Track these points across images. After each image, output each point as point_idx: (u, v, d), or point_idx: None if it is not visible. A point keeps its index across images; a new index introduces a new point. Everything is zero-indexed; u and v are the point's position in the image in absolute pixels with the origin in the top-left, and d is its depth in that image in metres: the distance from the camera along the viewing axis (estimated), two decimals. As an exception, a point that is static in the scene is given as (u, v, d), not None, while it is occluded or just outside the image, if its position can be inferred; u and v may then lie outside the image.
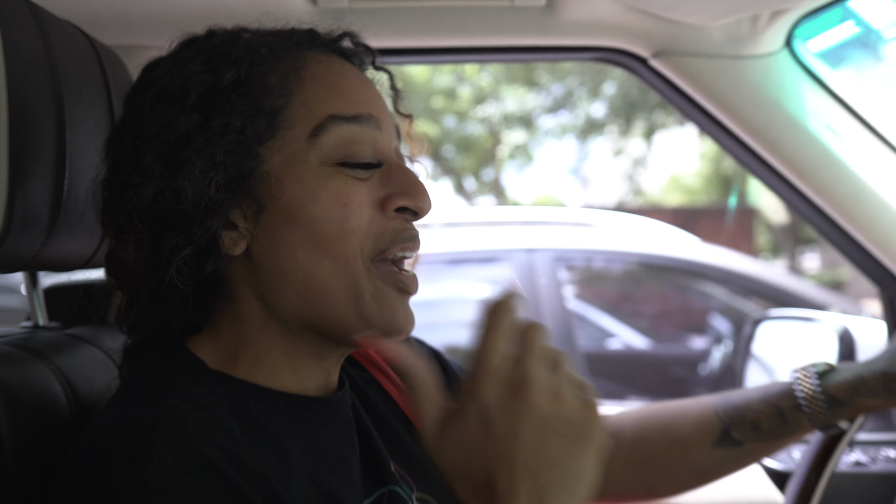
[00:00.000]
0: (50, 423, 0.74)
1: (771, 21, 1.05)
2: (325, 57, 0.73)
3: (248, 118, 0.67)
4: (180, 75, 0.69)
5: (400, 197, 0.70)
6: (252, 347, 0.70)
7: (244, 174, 0.67)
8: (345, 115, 0.69)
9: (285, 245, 0.68)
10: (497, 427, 0.57)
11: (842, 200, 1.14)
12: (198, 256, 0.67)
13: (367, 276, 0.68)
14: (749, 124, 1.12)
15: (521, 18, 1.10)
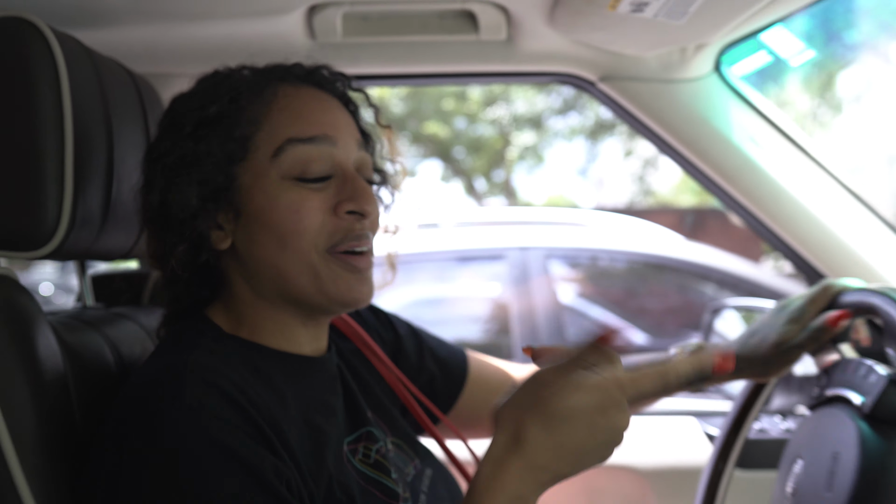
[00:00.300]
0: (102, 378, 0.92)
1: (697, 51, 1.24)
2: (295, 89, 0.89)
3: (225, 144, 0.85)
4: (183, 108, 0.89)
5: (347, 202, 0.85)
6: (249, 318, 0.90)
7: (223, 187, 0.86)
8: (301, 137, 0.85)
9: (257, 242, 0.86)
10: (571, 400, 0.69)
11: (763, 201, 1.32)
12: (192, 250, 0.87)
13: (323, 263, 0.85)
14: (682, 137, 1.30)
15: (486, 50, 1.29)
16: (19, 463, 0.75)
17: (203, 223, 0.86)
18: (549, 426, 0.69)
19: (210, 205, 0.86)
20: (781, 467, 1.06)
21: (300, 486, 0.77)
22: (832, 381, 1.02)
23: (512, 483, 0.70)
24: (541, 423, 0.70)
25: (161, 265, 0.90)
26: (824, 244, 1.33)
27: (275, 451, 0.76)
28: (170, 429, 0.72)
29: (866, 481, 0.88)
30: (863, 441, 0.91)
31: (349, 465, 0.89)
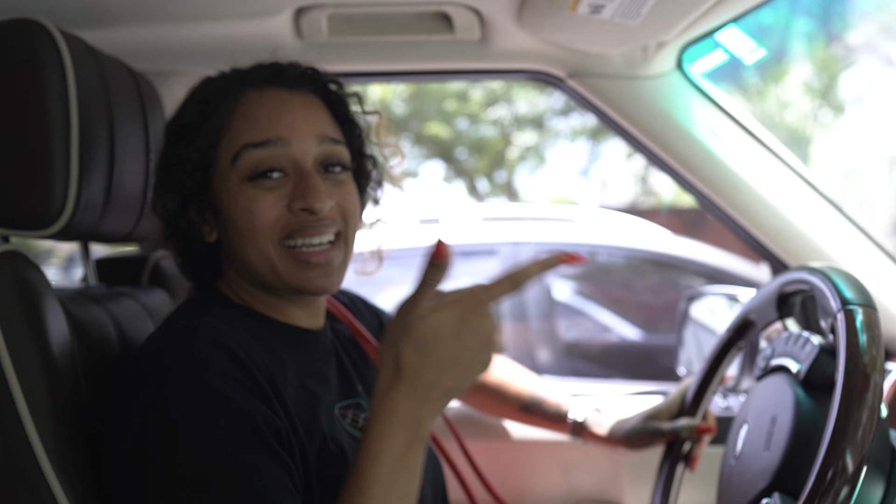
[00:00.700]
0: (104, 347, 0.99)
1: (658, 49, 1.32)
2: (258, 94, 0.96)
3: (194, 150, 0.95)
4: (171, 119, 1.00)
5: (298, 200, 0.92)
6: (247, 295, 1.00)
7: (195, 191, 0.96)
8: (254, 142, 0.92)
9: (229, 237, 0.96)
10: (433, 319, 0.76)
11: (723, 190, 1.40)
12: (184, 241, 0.99)
13: (278, 256, 0.93)
14: (647, 131, 1.39)
15: (461, 49, 1.38)
16: (33, 422, 0.82)
17: (183, 221, 0.97)
18: (420, 347, 0.75)
19: (191, 206, 0.96)
20: (731, 433, 1.14)
21: (291, 438, 0.86)
22: (776, 352, 1.11)
23: (402, 407, 0.76)
24: (412, 346, 0.76)
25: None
26: (781, 231, 1.41)
27: (269, 404, 0.84)
28: (177, 378, 0.81)
29: (798, 440, 0.96)
30: (797, 404, 0.99)
31: (340, 426, 0.98)
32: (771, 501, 0.94)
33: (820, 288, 0.98)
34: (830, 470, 0.81)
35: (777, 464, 0.96)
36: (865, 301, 0.92)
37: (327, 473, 0.90)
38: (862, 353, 0.87)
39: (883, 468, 0.91)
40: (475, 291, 0.77)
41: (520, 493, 1.59)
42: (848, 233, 1.45)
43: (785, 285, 1.10)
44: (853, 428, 0.82)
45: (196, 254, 1.01)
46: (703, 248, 3.55)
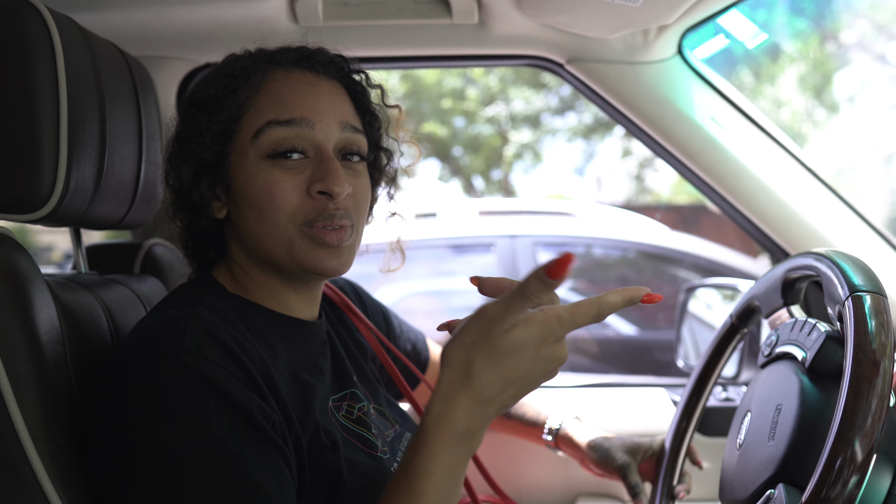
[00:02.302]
0: (96, 336, 0.97)
1: (659, 34, 1.31)
2: (285, 74, 0.96)
3: (217, 123, 0.94)
4: (192, 90, 0.98)
5: (318, 183, 0.91)
6: (247, 281, 0.98)
7: (212, 164, 0.94)
8: (279, 119, 0.92)
9: (242, 213, 0.94)
10: (516, 335, 0.71)
11: (724, 178, 1.38)
12: (193, 216, 0.97)
13: (298, 236, 0.92)
14: (647, 117, 1.37)
15: (459, 33, 1.36)
16: (19, 408, 0.80)
17: (196, 194, 0.95)
18: (495, 361, 0.70)
19: (204, 179, 0.95)
20: (734, 422, 1.13)
21: (284, 429, 0.84)
22: (781, 340, 1.09)
23: (462, 419, 0.71)
24: (487, 358, 0.71)
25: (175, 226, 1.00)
26: (783, 219, 1.40)
27: (262, 395, 0.83)
28: (168, 370, 0.79)
29: (804, 429, 0.94)
30: (803, 393, 0.97)
31: (333, 419, 0.96)
32: (775, 493, 0.92)
33: (827, 274, 0.96)
34: (839, 459, 0.79)
35: (782, 454, 0.95)
36: (874, 287, 0.90)
37: (318, 465, 0.88)
38: (871, 339, 0.85)
39: (892, 457, 0.89)
40: (562, 316, 0.72)
41: (519, 486, 1.58)
42: (849, 221, 1.43)
43: (790, 271, 1.08)
44: (862, 416, 0.81)
45: (202, 231, 0.99)
46: (699, 242, 3.54)
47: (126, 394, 0.79)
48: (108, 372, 0.84)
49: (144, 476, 0.76)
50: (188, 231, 0.99)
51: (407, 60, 1.43)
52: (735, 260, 3.37)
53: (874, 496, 0.87)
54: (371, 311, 1.25)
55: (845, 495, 0.78)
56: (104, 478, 0.80)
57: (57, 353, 0.88)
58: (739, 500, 1.01)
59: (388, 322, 1.28)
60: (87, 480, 0.84)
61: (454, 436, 0.72)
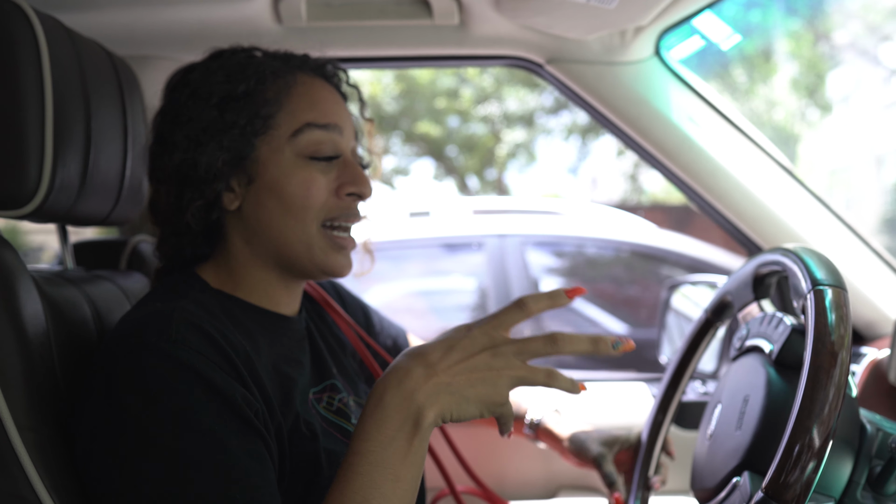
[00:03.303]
0: (82, 331, 0.98)
1: (636, 35, 1.33)
2: (310, 78, 1.02)
3: (250, 118, 0.97)
4: (208, 81, 0.99)
5: (349, 185, 0.99)
6: (237, 276, 1.00)
7: (243, 156, 0.97)
8: (318, 123, 0.98)
9: (265, 208, 0.97)
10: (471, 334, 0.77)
11: (701, 176, 1.41)
12: (206, 207, 0.98)
13: (318, 236, 0.98)
14: (625, 117, 1.40)
15: (440, 34, 1.39)
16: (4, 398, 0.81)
17: (221, 184, 0.97)
18: (439, 343, 0.78)
19: (229, 169, 0.97)
20: (705, 414, 1.15)
21: (266, 418, 0.86)
22: (751, 333, 1.11)
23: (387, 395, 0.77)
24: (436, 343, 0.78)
25: (171, 219, 1.00)
26: (757, 215, 1.43)
27: (245, 384, 0.85)
28: (154, 360, 0.81)
29: (769, 419, 0.97)
30: (769, 384, 1.00)
31: (314, 410, 0.98)
32: (741, 480, 0.94)
33: (792, 269, 0.99)
34: (797, 446, 0.82)
35: (748, 443, 0.97)
36: (835, 281, 0.93)
37: (298, 454, 0.91)
38: (830, 331, 0.87)
39: (851, 445, 0.92)
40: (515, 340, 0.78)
41: (501, 478, 1.60)
42: (822, 217, 1.46)
43: (760, 267, 1.11)
44: (820, 405, 0.83)
45: (210, 224, 1.00)
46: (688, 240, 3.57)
47: (111, 384, 0.81)
48: (93, 363, 0.86)
49: (130, 463, 0.77)
50: (196, 223, 0.99)
51: (389, 61, 1.46)
52: (723, 258, 3.40)
53: (835, 483, 0.90)
54: (350, 307, 1.27)
55: (803, 480, 0.81)
56: (90, 466, 0.82)
57: (42, 345, 0.90)
58: (708, 489, 1.04)
59: (367, 318, 1.31)
60: (71, 468, 0.85)
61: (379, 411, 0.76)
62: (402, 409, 0.76)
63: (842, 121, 11.24)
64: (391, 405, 0.76)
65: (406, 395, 0.76)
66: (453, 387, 0.76)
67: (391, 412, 0.76)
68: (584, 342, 0.80)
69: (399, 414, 0.76)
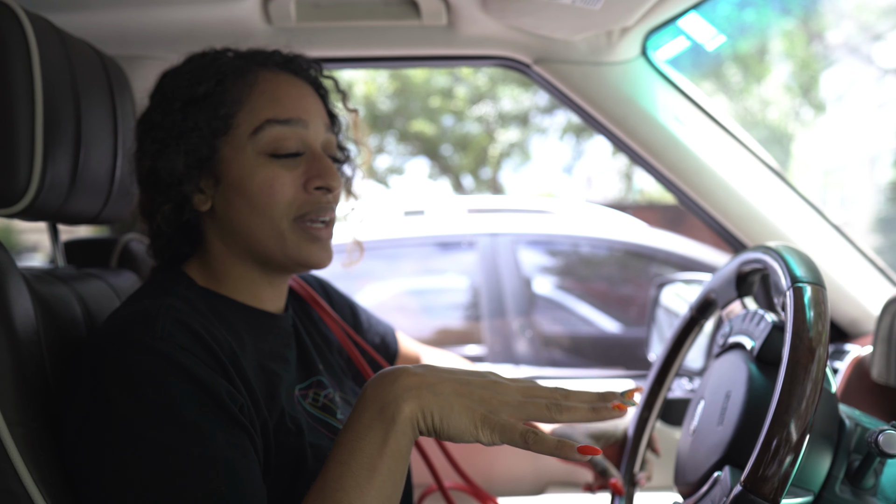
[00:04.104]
0: (71, 328, 0.99)
1: (622, 36, 1.35)
2: (274, 75, 1.01)
3: (210, 120, 0.97)
4: (174, 85, 1.00)
5: (316, 179, 0.97)
6: (221, 274, 1.01)
7: (206, 157, 0.97)
8: (278, 119, 0.97)
9: (234, 207, 0.98)
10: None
11: (686, 175, 1.43)
12: (177, 209, 0.99)
13: (290, 230, 0.97)
14: (611, 117, 1.41)
15: (428, 35, 1.40)
16: None
17: (187, 187, 0.97)
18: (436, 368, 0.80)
19: (194, 172, 0.97)
20: (689, 410, 1.17)
21: (252, 413, 0.88)
22: (733, 330, 1.13)
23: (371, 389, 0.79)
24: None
25: (149, 222, 1.02)
26: (742, 214, 1.44)
27: (230, 380, 0.86)
28: (140, 355, 0.82)
29: (749, 414, 0.98)
30: (750, 380, 1.02)
31: (299, 406, 0.99)
32: (722, 474, 0.96)
33: (773, 266, 1.01)
34: (775, 440, 0.83)
35: (729, 438, 0.99)
36: (814, 279, 0.94)
37: (284, 449, 0.92)
38: (808, 328, 0.89)
39: (830, 439, 0.93)
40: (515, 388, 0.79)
41: (490, 476, 1.61)
42: (807, 216, 1.48)
43: (743, 265, 1.13)
44: (797, 399, 0.85)
45: (182, 224, 1.01)
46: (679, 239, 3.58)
47: (98, 379, 0.82)
48: (80, 359, 0.87)
49: (116, 457, 0.78)
50: (170, 222, 1.01)
51: (378, 60, 1.47)
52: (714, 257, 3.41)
53: (814, 477, 0.92)
54: (338, 304, 1.28)
55: (781, 473, 0.82)
56: (77, 460, 0.83)
57: (32, 342, 0.90)
58: (691, 483, 1.05)
59: (355, 315, 1.32)
60: (59, 463, 0.86)
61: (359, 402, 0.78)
62: (378, 400, 0.77)
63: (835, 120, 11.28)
64: (369, 395, 0.78)
65: (384, 385, 0.77)
66: (437, 388, 0.76)
67: (367, 402, 0.78)
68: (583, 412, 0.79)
69: (375, 404, 0.77)
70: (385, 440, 0.76)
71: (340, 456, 0.77)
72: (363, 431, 0.77)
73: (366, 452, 0.76)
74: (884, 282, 1.52)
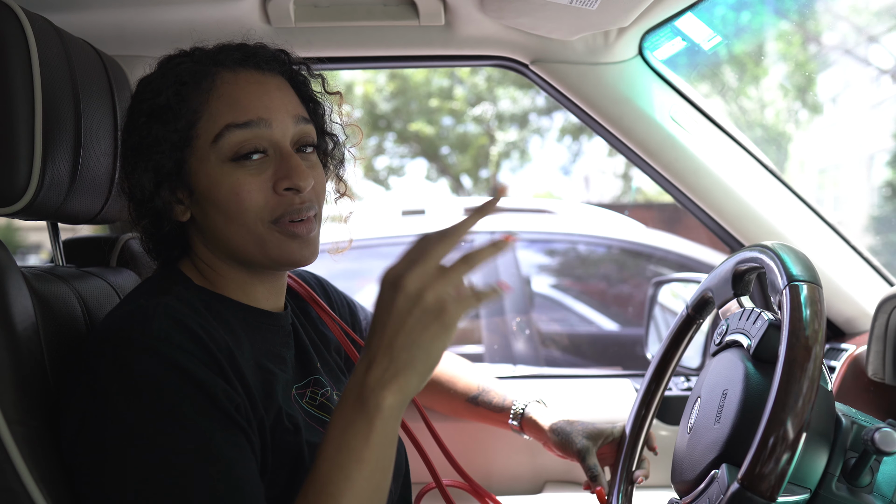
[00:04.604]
0: (71, 326, 0.99)
1: (619, 36, 1.35)
2: (233, 75, 0.96)
3: (172, 131, 0.95)
4: (141, 96, 0.99)
5: (284, 180, 0.94)
6: (213, 274, 1.01)
7: (173, 172, 0.96)
8: (237, 122, 0.93)
9: (209, 217, 0.97)
10: (385, 304, 0.75)
11: (683, 175, 1.44)
12: (156, 222, 0.99)
13: (268, 233, 0.95)
14: (608, 116, 1.42)
15: (427, 35, 1.40)
16: None
17: (158, 202, 0.97)
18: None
19: (163, 187, 0.96)
20: (686, 408, 1.17)
21: (249, 413, 0.88)
22: (730, 329, 1.14)
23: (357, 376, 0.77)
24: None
25: (136, 229, 1.02)
26: (738, 213, 1.45)
27: (227, 379, 0.86)
28: (138, 355, 0.82)
29: (746, 412, 0.99)
30: (747, 378, 1.02)
31: (297, 405, 1.00)
32: (719, 472, 0.96)
33: (770, 265, 1.01)
34: (772, 438, 0.84)
35: (726, 436, 0.99)
36: (810, 277, 0.95)
37: (281, 447, 0.92)
38: (805, 326, 0.89)
39: (827, 437, 0.94)
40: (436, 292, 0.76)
41: (488, 473, 1.62)
42: (803, 215, 1.48)
43: (739, 263, 1.13)
44: (794, 397, 0.85)
45: (166, 233, 1.01)
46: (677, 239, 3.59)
47: (97, 379, 0.82)
48: (79, 359, 0.87)
49: (115, 457, 0.79)
50: (151, 234, 1.01)
51: (376, 61, 1.47)
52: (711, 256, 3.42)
53: (810, 474, 0.93)
54: (336, 303, 1.28)
55: (777, 471, 0.83)
56: (77, 459, 0.83)
57: (31, 340, 0.90)
58: (688, 481, 1.06)
59: (353, 315, 1.32)
60: (59, 461, 0.86)
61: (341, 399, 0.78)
62: (355, 394, 0.77)
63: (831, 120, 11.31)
64: (348, 392, 0.78)
65: (358, 382, 0.77)
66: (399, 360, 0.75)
67: (347, 398, 0.78)
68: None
69: (352, 399, 0.77)
70: (370, 431, 0.76)
71: (327, 451, 0.78)
72: (346, 425, 0.77)
73: (352, 445, 0.76)
74: (879, 280, 1.53)
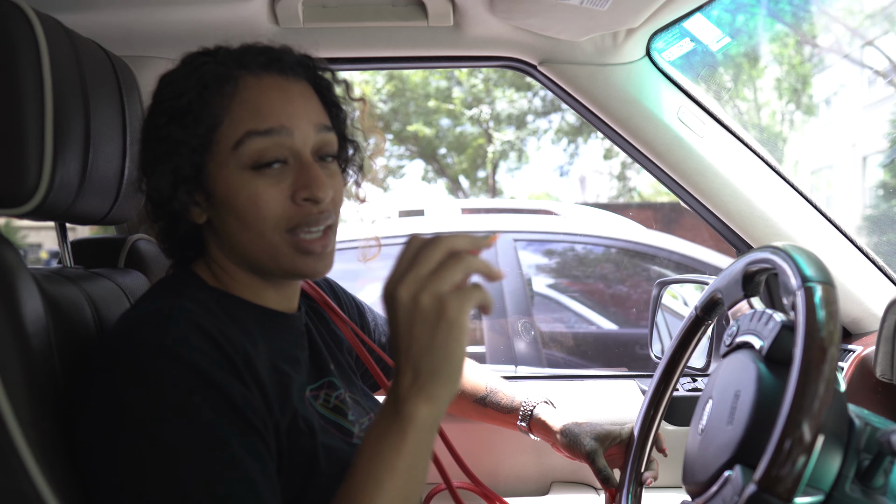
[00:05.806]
0: (81, 328, 0.99)
1: (628, 37, 1.35)
2: (256, 80, 0.95)
3: (193, 135, 0.93)
4: (162, 95, 0.98)
5: (302, 190, 0.93)
6: (227, 276, 1.01)
7: (192, 174, 0.95)
8: (258, 130, 0.92)
9: (226, 222, 0.96)
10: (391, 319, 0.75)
11: (690, 175, 1.44)
12: (172, 223, 0.99)
13: (282, 243, 0.94)
14: (616, 117, 1.42)
15: (435, 35, 1.40)
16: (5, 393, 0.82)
17: (176, 205, 0.96)
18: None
19: (181, 190, 0.96)
20: (696, 409, 1.17)
21: (265, 415, 0.87)
22: (741, 330, 1.14)
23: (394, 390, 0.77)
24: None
25: (153, 227, 1.02)
26: (746, 214, 1.45)
27: (244, 382, 0.86)
28: (155, 357, 0.81)
29: (760, 414, 0.99)
30: (759, 379, 1.02)
31: (311, 407, 0.99)
32: (733, 473, 0.96)
33: (782, 266, 1.01)
34: (788, 440, 0.84)
35: (739, 437, 0.99)
36: (825, 278, 0.95)
37: (296, 450, 0.92)
38: (820, 328, 0.89)
39: (840, 439, 0.94)
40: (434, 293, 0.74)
41: (495, 474, 1.62)
42: (810, 216, 1.49)
43: (750, 264, 1.13)
44: (810, 400, 0.85)
45: (182, 234, 1.00)
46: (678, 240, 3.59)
47: (112, 381, 0.82)
48: (93, 361, 0.87)
49: (130, 460, 0.78)
50: (167, 234, 1.00)
51: (385, 61, 1.47)
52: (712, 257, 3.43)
53: (825, 476, 0.92)
54: (346, 305, 1.28)
55: (794, 474, 0.83)
56: (90, 462, 0.83)
57: (42, 342, 0.90)
58: (700, 482, 1.05)
59: (362, 316, 1.32)
60: (71, 463, 0.86)
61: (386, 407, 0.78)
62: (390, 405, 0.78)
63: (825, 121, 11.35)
64: (385, 404, 0.78)
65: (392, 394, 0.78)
66: (422, 369, 0.74)
67: (384, 409, 0.78)
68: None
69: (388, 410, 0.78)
70: (402, 441, 0.76)
71: (360, 462, 0.78)
72: (381, 437, 0.77)
73: (385, 455, 0.77)
74: (885, 281, 1.53)
